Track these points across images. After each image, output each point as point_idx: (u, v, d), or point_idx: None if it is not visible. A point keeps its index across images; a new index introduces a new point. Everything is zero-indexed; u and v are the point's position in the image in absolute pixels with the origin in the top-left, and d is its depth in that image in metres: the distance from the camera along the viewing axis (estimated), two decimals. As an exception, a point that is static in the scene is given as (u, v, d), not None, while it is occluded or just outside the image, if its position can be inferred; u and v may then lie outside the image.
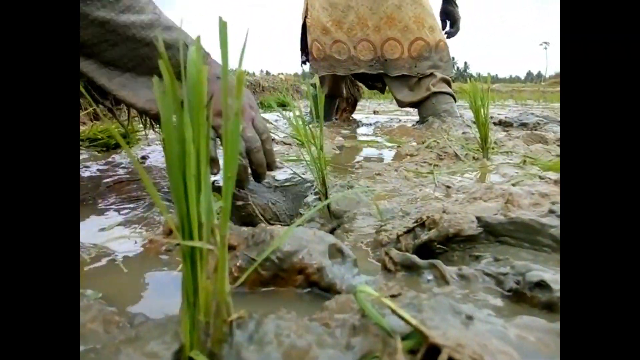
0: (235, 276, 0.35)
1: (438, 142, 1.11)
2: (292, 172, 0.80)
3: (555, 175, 0.76)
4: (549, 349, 0.21)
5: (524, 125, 1.83)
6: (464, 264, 0.41)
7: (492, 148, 1.07)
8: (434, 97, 1.90)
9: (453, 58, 2.01)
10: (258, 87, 5.47)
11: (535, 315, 0.26)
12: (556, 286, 0.26)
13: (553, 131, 1.70)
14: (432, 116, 1.90)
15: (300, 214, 0.60)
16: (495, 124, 1.85)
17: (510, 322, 0.23)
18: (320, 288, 0.35)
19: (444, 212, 0.45)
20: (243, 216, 0.63)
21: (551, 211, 0.39)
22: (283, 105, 4.21)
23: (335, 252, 0.37)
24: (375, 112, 3.28)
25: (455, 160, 0.94)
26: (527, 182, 0.56)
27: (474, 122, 1.00)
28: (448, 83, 1.96)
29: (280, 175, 0.76)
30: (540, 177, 0.72)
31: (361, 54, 1.96)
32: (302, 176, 0.70)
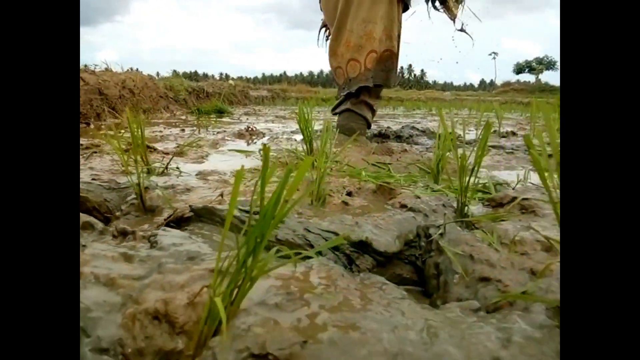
0: None
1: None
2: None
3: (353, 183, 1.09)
4: None
5: (399, 137, 2.17)
6: None
7: (328, 156, 1.40)
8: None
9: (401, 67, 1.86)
10: (202, 92, 5.67)
11: None
12: None
13: (414, 142, 2.05)
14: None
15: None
16: (375, 135, 2.19)
17: None
18: None
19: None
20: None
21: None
22: (221, 112, 4.44)
23: None
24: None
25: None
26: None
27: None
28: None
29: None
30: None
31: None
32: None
